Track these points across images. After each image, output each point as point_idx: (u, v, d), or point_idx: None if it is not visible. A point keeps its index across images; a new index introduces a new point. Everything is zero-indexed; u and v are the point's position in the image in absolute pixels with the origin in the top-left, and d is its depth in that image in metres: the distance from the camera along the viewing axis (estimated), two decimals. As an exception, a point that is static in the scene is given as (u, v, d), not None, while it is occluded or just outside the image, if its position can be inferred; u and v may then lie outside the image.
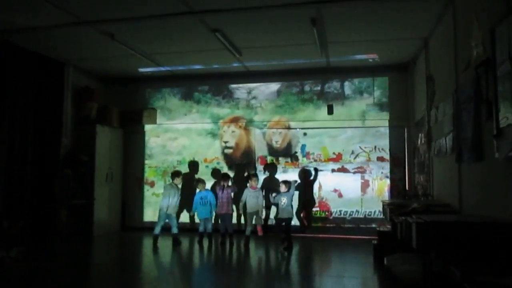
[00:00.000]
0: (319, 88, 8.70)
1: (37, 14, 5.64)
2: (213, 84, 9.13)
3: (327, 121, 8.46)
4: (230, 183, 7.55)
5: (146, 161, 9.25)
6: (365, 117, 8.40)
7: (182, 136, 9.21)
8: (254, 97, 8.98)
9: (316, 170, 8.30)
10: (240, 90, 9.06)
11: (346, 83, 8.56)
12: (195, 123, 9.15)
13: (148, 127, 9.28)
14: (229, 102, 9.07)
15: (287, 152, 8.68)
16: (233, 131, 8.99)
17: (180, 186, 7.73)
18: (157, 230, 7.45)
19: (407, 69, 8.03)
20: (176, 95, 9.35)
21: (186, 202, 8.16)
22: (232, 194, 7.61)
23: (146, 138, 9.31)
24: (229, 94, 9.12)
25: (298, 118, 8.72)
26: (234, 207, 7.81)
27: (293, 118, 8.74)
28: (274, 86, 8.91)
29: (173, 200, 7.47)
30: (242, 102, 9.02)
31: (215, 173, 8.69)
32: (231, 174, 8.33)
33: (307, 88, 8.77)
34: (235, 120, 9.01)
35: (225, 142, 9.00)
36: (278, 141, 8.78)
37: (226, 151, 8.99)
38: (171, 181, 7.81)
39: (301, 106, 8.71)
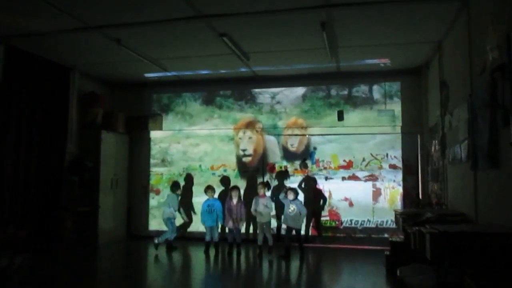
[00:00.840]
0: (346, 92, 8.40)
1: (43, 19, 5.62)
2: (226, 89, 8.92)
3: (354, 127, 8.18)
4: (237, 200, 7.32)
5: (165, 168, 9.05)
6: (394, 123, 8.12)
7: (203, 142, 8.91)
8: (278, 102, 8.64)
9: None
10: (264, 94, 8.72)
11: (375, 87, 8.29)
12: (215, 129, 8.85)
13: (168, 133, 9.11)
14: (252, 107, 8.77)
15: (305, 157, 8.34)
16: (250, 137, 8.67)
17: (179, 197, 7.79)
18: (172, 237, 7.58)
19: (420, 74, 7.88)
20: (197, 100, 9.10)
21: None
22: (242, 211, 7.37)
23: (167, 144, 9.12)
24: (252, 98, 8.81)
25: (324, 123, 8.37)
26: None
27: (319, 123, 8.43)
28: (300, 91, 8.56)
29: (173, 209, 7.58)
30: (266, 107, 8.71)
31: (224, 181, 8.52)
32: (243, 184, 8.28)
33: (333, 92, 8.46)
34: (250, 125, 8.73)
35: (243, 150, 8.65)
36: (293, 144, 8.45)
37: (244, 159, 8.66)
38: (173, 191, 7.77)
39: (327, 110, 8.42)
